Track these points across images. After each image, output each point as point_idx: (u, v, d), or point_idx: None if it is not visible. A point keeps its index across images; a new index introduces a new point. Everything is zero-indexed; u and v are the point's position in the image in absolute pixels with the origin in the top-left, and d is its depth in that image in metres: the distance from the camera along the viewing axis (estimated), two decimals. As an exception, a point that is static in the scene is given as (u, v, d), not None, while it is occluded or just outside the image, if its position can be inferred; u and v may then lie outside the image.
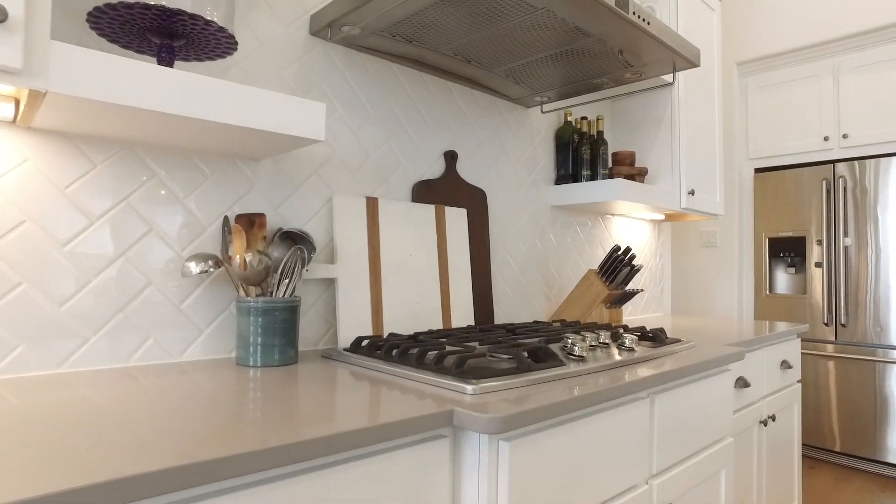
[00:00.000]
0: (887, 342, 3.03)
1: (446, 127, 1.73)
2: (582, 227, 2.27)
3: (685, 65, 1.59)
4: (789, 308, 3.36)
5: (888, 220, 3.05)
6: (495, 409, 0.84)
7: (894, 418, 2.98)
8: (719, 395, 1.46)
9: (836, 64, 3.27)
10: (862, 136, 3.17)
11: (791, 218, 3.37)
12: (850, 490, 2.73)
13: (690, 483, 1.32)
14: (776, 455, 2.01)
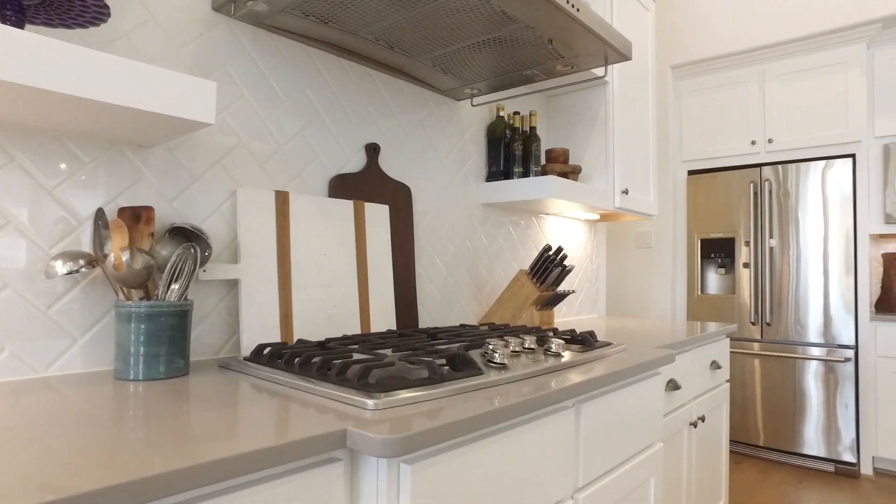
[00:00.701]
0: (807, 340, 3.13)
1: (368, 118, 1.62)
2: (515, 226, 2.21)
3: (617, 57, 1.54)
4: (719, 308, 3.43)
5: (808, 222, 3.16)
6: (397, 428, 0.74)
7: (811, 412, 3.08)
8: (649, 400, 1.42)
9: (763, 71, 3.36)
10: (786, 141, 3.27)
11: (722, 219, 3.44)
12: (773, 482, 2.79)
13: (619, 493, 1.26)
14: (705, 455, 2.01)
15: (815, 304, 3.12)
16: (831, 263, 3.09)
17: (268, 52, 1.38)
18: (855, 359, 3.01)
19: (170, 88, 0.93)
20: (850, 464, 3.00)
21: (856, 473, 2.98)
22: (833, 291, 3.08)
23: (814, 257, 3.14)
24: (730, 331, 2.19)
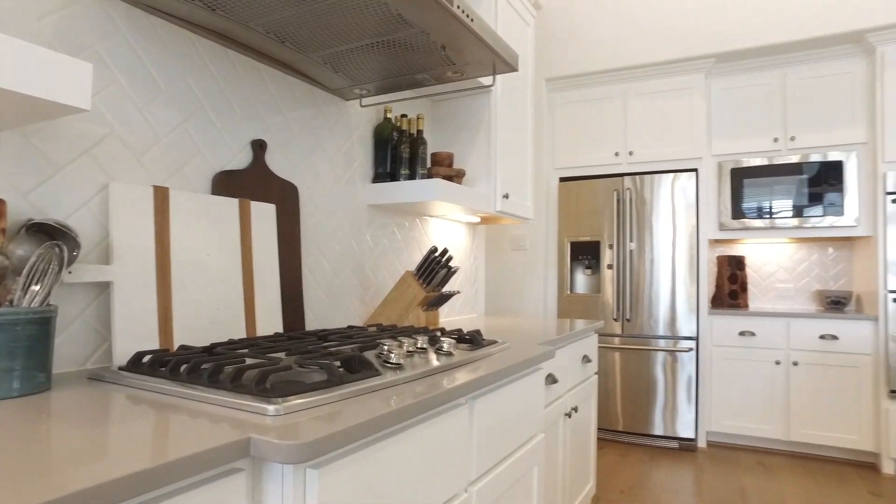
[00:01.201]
0: (658, 333, 3.49)
1: (255, 114, 1.55)
2: (399, 227, 2.23)
3: (505, 68, 1.62)
4: (587, 306, 3.71)
5: (660, 227, 3.52)
6: (302, 433, 0.73)
7: (659, 397, 3.44)
8: (532, 394, 1.50)
9: (626, 90, 3.69)
10: (644, 154, 3.62)
11: (589, 224, 3.72)
12: (630, 463, 3.08)
13: (507, 484, 1.33)
14: (577, 443, 2.17)
15: (665, 301, 3.49)
16: (678, 265, 3.47)
17: (145, 34, 1.28)
18: (696, 348, 3.41)
19: (36, 65, 0.84)
20: (689, 440, 3.39)
21: (694, 447, 3.38)
22: (679, 289, 3.46)
23: (665, 259, 3.50)
24: (598, 327, 2.39)
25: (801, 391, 3.26)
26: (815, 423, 3.23)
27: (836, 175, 3.32)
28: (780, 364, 3.30)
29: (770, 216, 3.46)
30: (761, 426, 3.33)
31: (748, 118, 3.54)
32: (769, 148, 3.48)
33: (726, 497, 2.62)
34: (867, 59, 3.29)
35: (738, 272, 3.67)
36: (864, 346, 3.15)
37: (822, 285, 3.69)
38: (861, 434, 3.14)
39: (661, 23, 3.55)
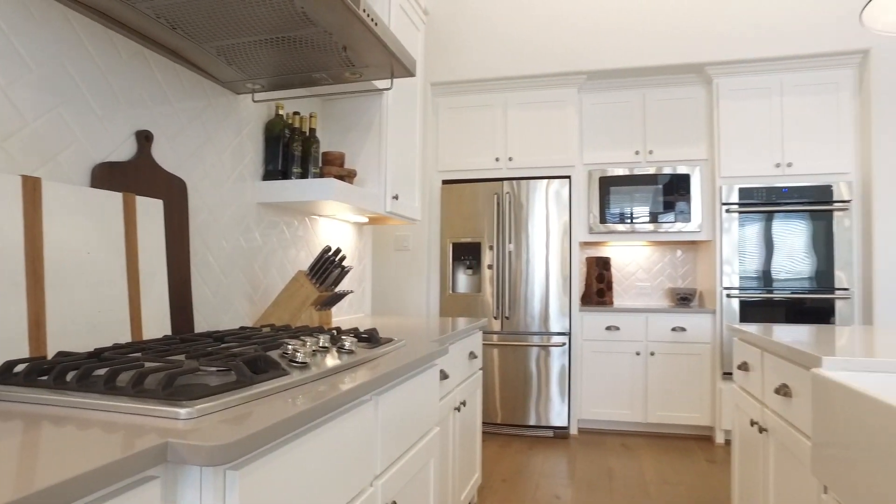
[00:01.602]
0: (534, 330, 3.72)
1: (140, 102, 1.45)
2: (288, 226, 2.18)
3: (403, 73, 1.66)
4: (468, 305, 3.85)
5: (536, 230, 3.76)
6: (221, 434, 0.71)
7: (535, 390, 3.68)
8: (429, 389, 1.56)
9: (507, 98, 3.89)
10: (522, 160, 3.84)
11: (470, 225, 3.87)
12: (510, 453, 3.26)
13: (407, 477, 1.37)
14: (465, 435, 2.26)
15: (541, 299, 3.73)
16: (553, 265, 3.72)
17: (11, 6, 1.15)
18: (568, 343, 3.68)
19: None
20: (563, 428, 3.66)
21: (567, 435, 3.66)
22: (553, 288, 3.71)
23: (540, 260, 3.74)
24: (482, 325, 2.50)
25: (657, 378, 3.65)
26: (667, 405, 3.63)
27: (684, 186, 3.76)
28: (639, 355, 3.67)
29: (631, 221, 3.82)
30: (624, 411, 3.68)
31: (615, 131, 3.89)
32: (632, 159, 3.86)
33: (596, 477, 2.87)
34: (707, 88, 3.76)
35: (605, 272, 4.02)
36: (705, 336, 3.60)
37: (672, 284, 4.15)
38: (701, 412, 3.58)
39: (540, 39, 3.79)
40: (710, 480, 2.84)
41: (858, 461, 1.08)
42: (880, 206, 3.36)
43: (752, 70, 3.60)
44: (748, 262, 3.55)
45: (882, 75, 3.37)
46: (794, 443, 1.55)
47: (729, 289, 3.56)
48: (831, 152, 3.51)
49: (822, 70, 3.54)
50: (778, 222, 3.53)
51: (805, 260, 3.49)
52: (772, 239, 3.53)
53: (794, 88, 3.56)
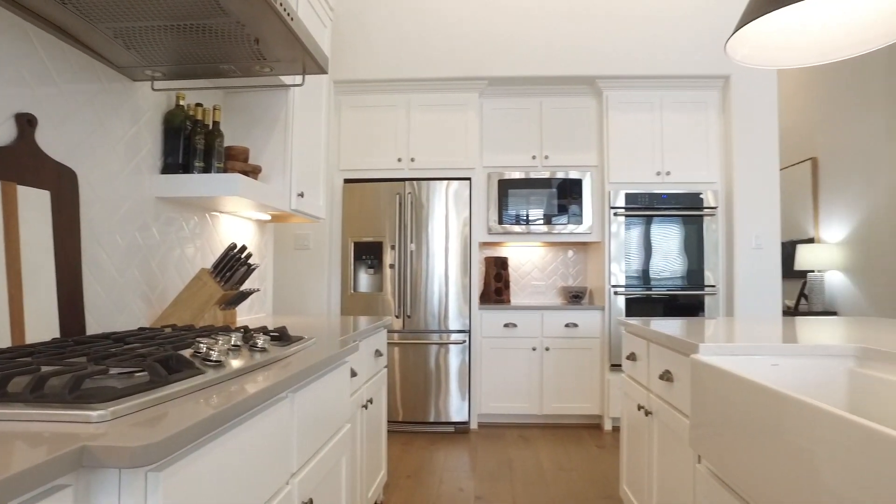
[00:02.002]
0: (435, 328, 3.79)
1: (20, 81, 1.32)
2: (188, 222, 2.08)
3: (315, 70, 1.64)
4: (369, 304, 3.84)
5: (436, 231, 3.84)
6: (140, 436, 0.69)
7: (436, 387, 3.75)
8: (340, 386, 1.56)
9: (409, 99, 3.93)
10: (424, 161, 3.90)
11: (372, 225, 3.87)
12: (414, 449, 3.30)
13: (322, 474, 1.36)
14: (372, 433, 2.27)
15: (442, 298, 3.81)
16: (453, 265, 3.82)
17: None
18: (468, 340, 3.79)
19: None
20: (463, 423, 3.76)
21: (467, 430, 3.76)
22: (454, 287, 3.81)
23: (441, 259, 3.82)
24: (387, 323, 2.52)
25: (551, 371, 3.85)
26: (561, 397, 3.85)
27: (577, 190, 4.00)
28: (535, 350, 3.86)
29: (527, 223, 4.01)
30: (521, 404, 3.85)
31: (513, 136, 4.06)
32: (529, 163, 4.05)
33: (497, 468, 2.99)
34: (598, 100, 4.03)
35: (503, 272, 4.18)
36: (595, 331, 3.86)
37: (565, 282, 4.40)
38: (592, 402, 3.84)
39: (445, 43, 3.87)
40: (600, 464, 3.06)
41: (725, 431, 1.23)
42: (739, 212, 3.79)
43: (637, 85, 3.91)
44: (632, 262, 3.85)
45: (739, 99, 3.81)
46: (674, 422, 1.72)
47: (616, 286, 3.84)
48: (702, 163, 3.90)
49: (693, 90, 3.92)
50: (658, 226, 3.86)
51: (680, 260, 3.85)
52: (652, 241, 3.86)
53: (671, 104, 3.92)
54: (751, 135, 3.80)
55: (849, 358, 1.47)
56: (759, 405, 1.09)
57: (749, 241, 3.80)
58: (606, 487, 2.72)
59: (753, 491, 1.11)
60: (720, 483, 1.35)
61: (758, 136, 3.81)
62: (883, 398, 1.33)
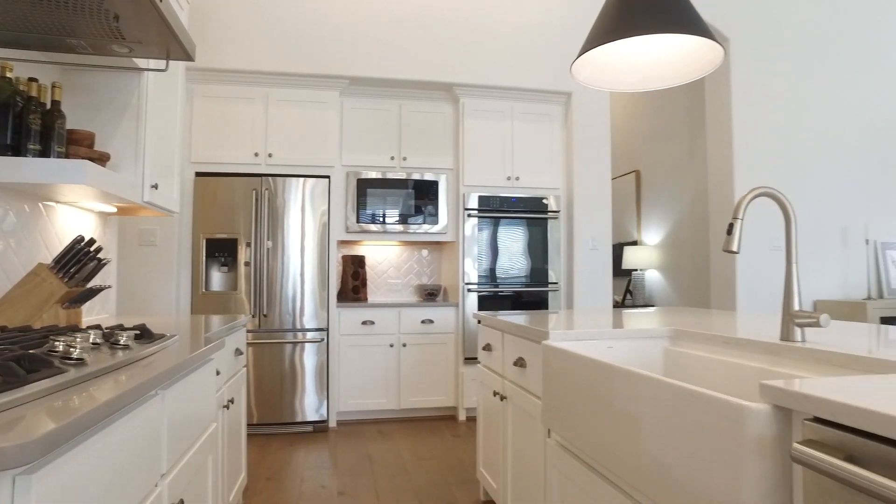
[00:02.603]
0: (293, 327, 3.73)
1: None
2: (19, 213, 1.85)
3: (181, 56, 1.57)
4: (223, 303, 3.66)
5: (295, 228, 3.78)
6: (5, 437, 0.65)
7: (294, 386, 3.69)
8: (207, 384, 1.51)
9: (268, 93, 3.81)
10: (283, 157, 3.81)
11: (226, 221, 3.69)
12: (271, 451, 3.21)
13: (190, 474, 1.32)
14: (232, 435, 2.19)
15: (299, 296, 3.75)
16: (311, 263, 3.78)
17: None
18: (326, 339, 3.78)
19: None
20: (322, 421, 3.74)
21: (326, 428, 3.75)
22: (312, 285, 3.77)
23: (299, 258, 3.76)
24: (246, 321, 2.45)
25: (409, 367, 3.97)
26: (418, 391, 3.98)
27: (433, 192, 4.17)
28: (393, 346, 3.95)
29: (385, 222, 4.09)
30: (380, 400, 3.92)
31: (373, 136, 4.12)
32: (387, 164, 4.13)
33: (358, 463, 3.02)
34: (455, 106, 4.24)
35: (360, 270, 4.22)
36: (450, 327, 4.05)
37: (420, 280, 4.55)
38: (447, 394, 4.02)
39: (308, 39, 3.81)
40: (456, 452, 3.23)
41: (571, 405, 1.41)
42: (578, 216, 4.22)
43: (492, 95, 4.18)
44: (484, 261, 4.11)
45: (579, 114, 4.25)
46: (527, 404, 1.91)
47: (469, 284, 4.07)
48: (547, 171, 4.28)
49: (541, 103, 4.29)
50: (508, 227, 4.16)
51: (527, 259, 4.19)
52: (502, 241, 4.15)
53: (521, 115, 4.25)
54: (588, 147, 4.26)
55: (665, 339, 1.76)
56: (597, 378, 1.28)
57: (587, 242, 4.25)
58: (464, 472, 2.90)
59: (595, 454, 1.29)
60: (567, 452, 1.54)
61: (594, 148, 4.27)
62: (690, 368, 1.61)
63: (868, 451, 0.67)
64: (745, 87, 4.39)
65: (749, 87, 4.40)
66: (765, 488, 0.80)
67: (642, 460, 1.08)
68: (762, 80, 4.44)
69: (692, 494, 0.93)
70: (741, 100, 4.38)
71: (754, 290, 4.31)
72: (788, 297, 1.37)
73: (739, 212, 1.36)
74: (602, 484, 1.31)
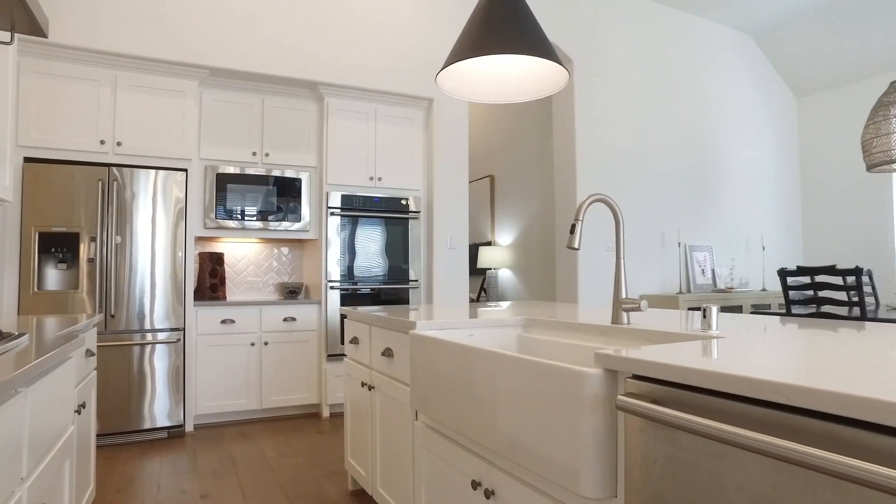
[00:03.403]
0: (147, 327, 3.50)
1: None
2: None
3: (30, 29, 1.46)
4: (61, 303, 3.33)
5: (149, 223, 3.55)
6: None
7: (146, 391, 3.47)
8: (66, 385, 1.43)
9: (116, 76, 3.52)
10: (135, 147, 3.55)
11: (65, 213, 3.36)
12: (121, 461, 3.00)
13: (49, 480, 1.25)
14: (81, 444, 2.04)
15: (153, 295, 3.53)
16: (166, 259, 3.57)
17: None
18: (183, 339, 3.59)
19: None
20: (178, 426, 3.55)
21: (183, 433, 3.56)
22: (167, 283, 3.57)
23: (154, 254, 3.54)
24: (97, 320, 2.29)
25: (271, 365, 3.91)
26: (281, 390, 3.93)
27: (296, 189, 4.14)
28: (254, 345, 3.86)
29: (245, 219, 3.98)
30: (241, 401, 3.80)
31: (234, 130, 3.99)
32: (249, 159, 4.02)
33: (220, 465, 2.94)
34: (319, 105, 4.25)
35: (218, 267, 4.06)
36: (313, 324, 4.06)
37: (281, 278, 4.49)
38: (310, 391, 4.02)
39: (166, 22, 3.59)
40: (322, 447, 3.26)
41: (437, 387, 1.56)
42: (438, 217, 4.44)
43: (356, 96, 4.25)
44: (347, 259, 4.17)
45: (440, 120, 4.47)
46: (395, 391, 2.03)
47: (332, 282, 4.10)
48: (409, 172, 4.44)
49: (404, 107, 4.44)
50: (371, 226, 4.26)
51: (388, 258, 4.32)
52: (365, 240, 4.24)
53: (385, 117, 4.37)
54: (448, 151, 4.49)
55: (518, 326, 1.98)
56: (462, 360, 1.44)
57: (445, 242, 4.48)
58: (331, 465, 2.94)
59: (461, 428, 1.45)
60: (434, 432, 1.68)
61: (453, 152, 4.52)
62: (540, 350, 1.84)
63: (667, 395, 0.88)
64: (587, 103, 4.93)
65: (590, 103, 4.94)
66: (598, 435, 1.00)
67: (502, 428, 1.26)
68: (601, 97, 5.01)
69: (543, 450, 1.11)
70: (583, 115, 4.90)
71: (593, 286, 4.85)
72: (618, 287, 1.63)
73: (580, 214, 1.60)
74: (467, 455, 1.47)
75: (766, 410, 0.74)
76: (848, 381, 0.70)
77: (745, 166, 6.00)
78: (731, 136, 5.92)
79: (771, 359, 0.90)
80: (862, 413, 0.63)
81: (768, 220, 6.17)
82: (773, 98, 6.34)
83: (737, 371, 0.77)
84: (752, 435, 0.70)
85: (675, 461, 0.86)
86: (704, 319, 1.35)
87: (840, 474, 0.61)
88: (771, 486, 0.73)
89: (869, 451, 0.63)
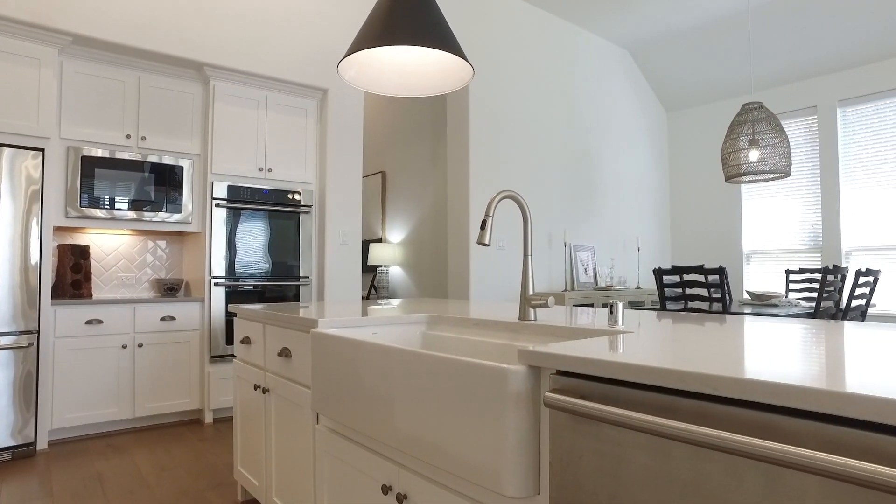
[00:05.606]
0: (-9, 331, 3.04)
1: None
2: None
3: None
4: None
5: (-3, 210, 3.09)
6: None
7: (-6, 406, 3.03)
8: None
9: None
10: (-23, 121, 3.07)
11: None
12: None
13: None
14: None
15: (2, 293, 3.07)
16: (15, 251, 3.13)
17: None
18: (37, 343, 3.17)
19: None
20: (27, 445, 3.11)
21: (33, 452, 3.13)
22: (15, 279, 3.12)
23: (3, 246, 3.08)
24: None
25: (145, 369, 3.56)
26: (157, 396, 3.60)
27: (177, 178, 3.81)
28: (126, 347, 3.50)
29: (115, 208, 3.60)
30: (109, 410, 3.43)
31: (104, 109, 3.58)
32: (122, 143, 3.63)
33: (82, 486, 2.61)
34: (205, 88, 3.94)
35: (83, 262, 3.63)
36: (195, 323, 3.76)
37: (158, 274, 4.12)
38: (191, 396, 3.72)
39: (7, -22, 3.12)
40: (206, 456, 3.02)
41: (341, 387, 1.49)
42: (330, 212, 4.31)
43: (246, 82, 3.99)
44: (233, 254, 3.91)
45: (333, 111, 4.34)
46: (293, 393, 1.92)
47: (216, 278, 3.83)
48: (300, 164, 4.26)
49: (297, 96, 4.25)
50: (258, 220, 4.03)
51: (278, 253, 4.11)
52: (253, 234, 4.00)
53: (276, 106, 4.15)
54: (341, 144, 4.36)
55: (422, 324, 1.95)
56: (371, 360, 1.38)
57: (338, 237, 4.35)
58: (217, 475, 2.73)
59: (368, 430, 1.39)
60: (338, 435, 1.60)
61: (347, 146, 4.40)
62: (446, 347, 1.82)
63: (593, 390, 0.89)
64: (481, 105, 5.01)
65: (484, 106, 5.03)
66: (521, 433, 0.99)
67: (416, 430, 1.21)
68: (493, 101, 5.12)
69: (462, 450, 1.08)
70: (477, 116, 4.98)
71: (484, 283, 4.94)
72: (525, 284, 1.65)
73: (490, 210, 1.59)
74: (376, 459, 1.41)
75: (691, 401, 0.76)
76: (772, 369, 0.74)
77: (623, 172, 6.44)
78: (612, 144, 6.32)
79: (684, 351, 0.94)
80: (781, 399, 0.66)
81: (643, 223, 6.68)
82: (647, 111, 6.87)
83: (667, 364, 0.79)
84: (680, 425, 0.72)
85: (600, 455, 0.87)
86: (612, 315, 1.40)
87: (762, 457, 0.64)
88: (696, 473, 0.75)
89: (788, 434, 0.66)
